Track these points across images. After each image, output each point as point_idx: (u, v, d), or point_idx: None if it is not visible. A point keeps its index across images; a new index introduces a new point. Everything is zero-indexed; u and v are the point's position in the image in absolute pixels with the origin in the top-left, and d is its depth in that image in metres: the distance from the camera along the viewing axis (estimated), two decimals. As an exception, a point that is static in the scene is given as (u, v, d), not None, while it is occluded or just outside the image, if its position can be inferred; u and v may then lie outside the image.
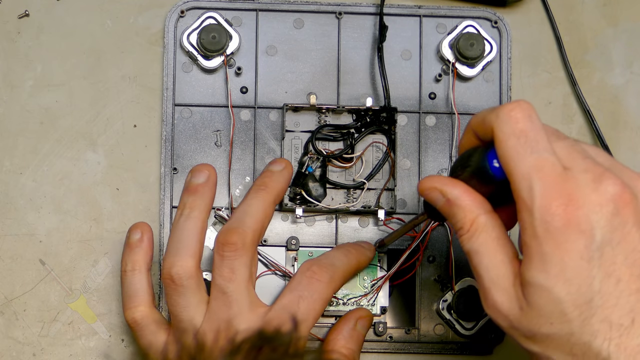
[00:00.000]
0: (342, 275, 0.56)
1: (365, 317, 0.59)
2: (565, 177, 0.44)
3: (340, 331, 0.58)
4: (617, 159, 0.62)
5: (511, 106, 0.45)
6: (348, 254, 0.57)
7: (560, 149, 0.45)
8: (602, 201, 0.43)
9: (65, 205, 0.62)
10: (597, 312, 0.43)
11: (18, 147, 0.62)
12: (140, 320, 0.56)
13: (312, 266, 0.55)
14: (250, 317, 0.54)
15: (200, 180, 0.57)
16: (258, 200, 0.56)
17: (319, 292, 0.54)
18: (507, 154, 0.45)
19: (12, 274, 0.62)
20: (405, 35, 0.64)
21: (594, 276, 0.43)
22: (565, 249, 0.43)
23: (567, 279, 0.43)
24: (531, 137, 0.45)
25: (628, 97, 0.65)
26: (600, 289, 0.43)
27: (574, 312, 0.43)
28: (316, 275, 0.55)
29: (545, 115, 0.64)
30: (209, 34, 0.61)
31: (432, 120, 0.63)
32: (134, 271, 0.57)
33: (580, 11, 0.65)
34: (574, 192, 0.43)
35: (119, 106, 0.63)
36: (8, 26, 0.63)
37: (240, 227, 0.55)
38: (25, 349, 0.61)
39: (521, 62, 0.65)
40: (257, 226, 0.55)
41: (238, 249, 0.54)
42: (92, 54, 0.63)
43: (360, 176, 0.62)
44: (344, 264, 0.56)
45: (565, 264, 0.43)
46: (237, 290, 0.54)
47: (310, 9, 0.63)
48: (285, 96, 0.63)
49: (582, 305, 0.43)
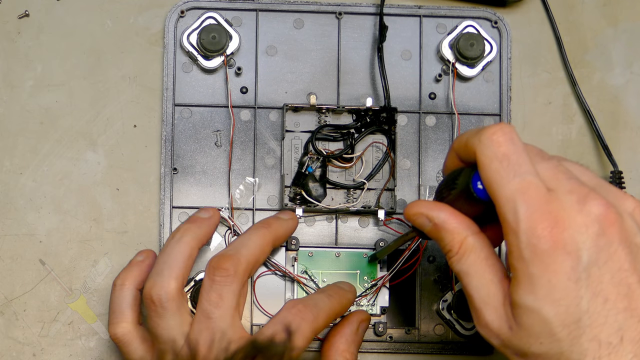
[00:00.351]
0: (325, 317, 0.56)
1: (367, 320, 0.59)
2: (550, 199, 0.44)
3: (344, 334, 0.58)
4: (617, 159, 0.63)
5: (493, 129, 0.45)
6: (330, 297, 0.57)
7: (544, 170, 0.45)
8: (587, 222, 0.43)
9: (65, 206, 0.62)
10: (585, 332, 0.43)
11: (18, 147, 0.62)
12: (122, 336, 0.56)
13: (297, 304, 0.55)
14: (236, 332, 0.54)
15: (203, 215, 0.58)
16: (258, 235, 0.56)
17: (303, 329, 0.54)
18: (490, 178, 0.45)
19: (12, 274, 0.62)
20: (405, 35, 0.64)
21: (581, 296, 0.43)
22: (552, 271, 0.43)
23: (555, 300, 0.43)
24: (514, 161, 0.45)
25: (628, 97, 0.65)
26: (588, 309, 0.43)
27: (562, 331, 0.43)
28: (301, 313, 0.54)
29: (545, 115, 0.64)
30: (209, 34, 0.61)
31: (432, 121, 0.63)
32: (122, 286, 0.57)
33: (580, 11, 0.65)
34: (559, 214, 0.43)
35: (119, 106, 0.63)
36: (8, 26, 0.63)
37: (235, 255, 0.54)
38: (25, 349, 0.61)
39: (521, 62, 0.65)
40: (252, 258, 0.55)
41: (229, 275, 0.54)
42: (92, 54, 0.63)
43: (360, 176, 0.62)
44: (326, 305, 0.56)
45: (552, 285, 0.43)
46: (222, 316, 0.53)
47: (310, 9, 0.63)
48: (285, 96, 0.63)
49: (570, 325, 0.43)
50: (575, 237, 0.43)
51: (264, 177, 0.62)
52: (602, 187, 0.46)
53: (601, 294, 0.43)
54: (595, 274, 0.43)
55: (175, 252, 0.55)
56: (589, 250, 0.43)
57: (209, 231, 0.58)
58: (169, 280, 0.54)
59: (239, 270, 0.54)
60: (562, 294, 0.43)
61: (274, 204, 0.62)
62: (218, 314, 0.53)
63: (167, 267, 0.55)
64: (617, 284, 0.43)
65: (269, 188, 0.62)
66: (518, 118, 0.64)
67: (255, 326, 0.61)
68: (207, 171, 0.62)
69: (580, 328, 0.43)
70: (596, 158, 0.64)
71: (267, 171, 0.62)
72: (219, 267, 0.54)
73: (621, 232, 0.44)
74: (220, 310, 0.53)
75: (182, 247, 0.56)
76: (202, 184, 0.62)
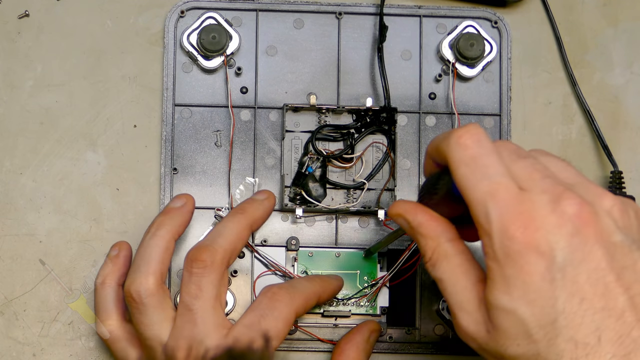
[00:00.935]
0: (304, 298, 0.56)
1: (377, 331, 0.60)
2: (522, 199, 0.43)
3: (355, 342, 0.59)
4: (617, 159, 0.63)
5: (460, 132, 0.45)
6: (311, 279, 0.58)
7: (519, 169, 0.45)
8: (561, 222, 0.43)
9: (65, 206, 0.62)
10: (562, 332, 0.43)
11: (18, 147, 0.62)
12: (108, 335, 0.57)
13: (272, 288, 0.56)
14: (215, 335, 0.54)
15: (176, 204, 0.58)
16: (233, 222, 0.57)
17: (279, 311, 0.54)
18: (460, 182, 0.45)
19: (12, 274, 0.62)
20: (405, 35, 0.64)
21: (557, 297, 0.43)
22: (526, 272, 0.43)
23: (530, 301, 0.43)
24: (481, 163, 0.44)
25: (628, 97, 0.65)
26: (564, 309, 0.43)
27: (539, 332, 0.43)
28: (276, 295, 0.55)
29: (545, 115, 0.64)
30: (209, 34, 0.61)
31: (432, 121, 0.63)
32: (103, 284, 0.58)
33: (580, 11, 0.65)
34: (531, 214, 0.43)
35: (119, 106, 0.63)
36: (8, 26, 0.63)
37: (211, 245, 0.55)
38: (25, 349, 0.61)
39: (521, 62, 0.65)
40: (229, 246, 0.55)
41: (207, 266, 0.54)
42: (92, 54, 0.63)
43: (360, 176, 0.62)
44: (305, 287, 0.57)
45: (527, 286, 0.43)
46: (203, 307, 0.54)
47: (310, 9, 0.63)
48: (285, 96, 0.63)
49: (546, 325, 0.43)
50: (548, 238, 0.43)
51: (264, 177, 0.62)
52: (580, 185, 0.45)
53: (577, 294, 0.43)
54: (570, 274, 0.43)
55: (151, 247, 0.56)
56: (563, 250, 0.43)
57: (184, 220, 0.58)
58: (146, 276, 0.55)
59: (216, 261, 0.54)
60: (537, 294, 0.43)
61: (274, 204, 0.62)
62: (198, 305, 0.54)
63: (144, 262, 0.55)
64: (593, 283, 0.43)
65: (269, 188, 0.62)
66: (518, 118, 0.64)
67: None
68: (207, 171, 0.62)
69: (556, 329, 0.43)
70: (596, 158, 0.64)
71: (267, 171, 0.62)
72: (195, 259, 0.54)
73: (596, 231, 0.43)
74: (200, 301, 0.54)
75: (157, 241, 0.56)
76: (202, 184, 0.62)
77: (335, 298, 0.61)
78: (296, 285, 0.57)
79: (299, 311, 0.56)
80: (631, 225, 0.45)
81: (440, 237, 0.47)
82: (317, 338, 0.61)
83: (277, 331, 0.54)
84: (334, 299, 0.61)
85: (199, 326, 0.54)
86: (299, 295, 0.56)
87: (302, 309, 0.56)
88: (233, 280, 0.61)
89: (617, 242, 0.43)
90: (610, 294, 0.42)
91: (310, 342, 0.61)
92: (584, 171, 0.64)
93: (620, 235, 0.43)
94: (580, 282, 0.42)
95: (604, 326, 0.42)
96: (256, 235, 0.62)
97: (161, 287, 0.55)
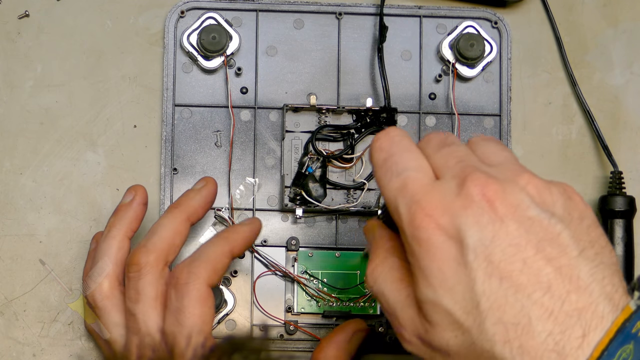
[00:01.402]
0: (210, 267, 0.53)
1: (363, 331, 0.59)
2: (430, 189, 0.43)
3: (335, 341, 0.58)
4: (617, 159, 0.63)
5: (377, 136, 0.46)
6: (215, 240, 0.55)
7: (438, 159, 0.45)
8: (466, 203, 0.42)
9: (65, 206, 0.62)
10: (488, 316, 0.41)
11: (18, 148, 0.62)
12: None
13: (174, 272, 0.53)
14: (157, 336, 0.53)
15: (125, 200, 0.57)
16: (168, 218, 0.55)
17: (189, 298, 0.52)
18: (378, 185, 0.45)
19: (12, 274, 0.62)
20: (405, 35, 0.64)
21: (474, 279, 0.41)
22: (439, 259, 0.42)
23: (450, 288, 0.42)
24: (391, 162, 0.44)
25: (628, 97, 0.65)
26: (484, 291, 0.41)
27: (467, 320, 0.41)
28: (179, 280, 0.53)
29: (545, 115, 0.64)
30: (209, 35, 0.61)
31: (432, 121, 0.63)
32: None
33: (580, 11, 0.65)
34: (438, 201, 0.42)
35: (119, 106, 0.63)
36: (8, 26, 0.63)
37: (144, 247, 0.54)
38: (25, 350, 0.61)
39: (521, 62, 0.65)
40: (164, 244, 0.54)
41: (141, 268, 0.53)
42: (92, 54, 0.63)
43: (360, 176, 0.62)
44: (208, 253, 0.54)
45: (443, 273, 0.42)
46: (143, 310, 0.53)
47: (310, 9, 0.63)
48: (285, 96, 0.63)
49: (472, 311, 0.41)
50: (455, 221, 0.41)
51: (264, 177, 0.62)
52: (502, 166, 0.44)
53: (495, 274, 0.40)
54: (483, 254, 0.41)
55: (103, 250, 0.56)
56: (472, 231, 0.41)
57: (135, 214, 0.57)
58: (100, 280, 0.55)
59: (149, 261, 0.53)
60: (454, 280, 0.41)
61: (274, 204, 0.62)
62: (139, 309, 0.53)
63: (97, 268, 0.55)
64: (510, 260, 0.40)
65: (269, 188, 0.62)
66: (518, 118, 0.64)
67: (255, 326, 0.61)
68: (207, 171, 0.62)
69: (482, 313, 0.41)
70: (596, 158, 0.64)
71: (267, 171, 0.62)
72: (130, 263, 0.54)
73: (506, 207, 0.41)
74: (140, 304, 0.53)
75: (109, 242, 0.56)
76: (202, 184, 0.62)
77: (335, 298, 0.61)
78: (198, 257, 0.54)
79: (211, 282, 0.53)
80: (553, 201, 0.42)
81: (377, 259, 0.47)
82: (317, 338, 0.61)
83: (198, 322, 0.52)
84: (332, 298, 0.61)
85: (142, 330, 0.53)
86: (204, 266, 0.53)
87: (214, 278, 0.53)
88: (233, 280, 0.61)
89: (533, 216, 0.41)
90: (531, 269, 0.40)
91: (310, 342, 0.61)
92: (583, 171, 0.64)
93: (536, 210, 0.42)
94: (495, 260, 0.41)
95: (530, 304, 0.40)
96: (256, 236, 0.62)
97: (117, 288, 0.55)
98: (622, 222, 0.62)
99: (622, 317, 0.40)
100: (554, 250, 0.41)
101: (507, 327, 0.40)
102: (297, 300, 0.61)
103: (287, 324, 0.61)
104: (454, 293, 0.42)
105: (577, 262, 0.41)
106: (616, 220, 0.62)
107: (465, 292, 0.41)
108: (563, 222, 0.42)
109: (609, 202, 0.62)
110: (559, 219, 0.42)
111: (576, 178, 0.64)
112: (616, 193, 0.62)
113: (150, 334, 0.53)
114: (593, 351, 0.39)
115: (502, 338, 0.40)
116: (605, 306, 0.40)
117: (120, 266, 0.56)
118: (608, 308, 0.40)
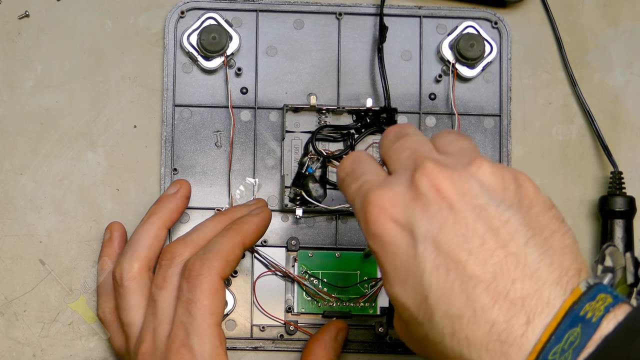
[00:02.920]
0: (223, 259, 0.53)
1: (345, 329, 0.60)
2: (383, 185, 0.43)
3: (323, 341, 0.58)
4: (617, 160, 0.63)
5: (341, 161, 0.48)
6: (226, 232, 0.55)
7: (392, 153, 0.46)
8: (415, 194, 0.42)
9: (66, 206, 0.62)
10: (436, 309, 0.40)
11: (18, 148, 0.62)
12: (102, 318, 0.59)
13: (187, 264, 0.54)
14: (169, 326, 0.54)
15: (170, 191, 0.59)
16: (145, 226, 0.57)
17: (200, 290, 0.52)
18: (345, 197, 0.47)
19: (12, 275, 0.62)
20: (406, 35, 0.64)
21: (422, 271, 0.40)
22: (392, 253, 0.42)
23: (403, 282, 0.41)
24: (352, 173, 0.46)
25: (628, 97, 0.65)
26: (431, 284, 0.40)
27: (420, 314, 0.41)
28: (192, 272, 0.53)
29: (545, 115, 0.64)
30: (209, 35, 0.61)
31: (432, 121, 0.63)
32: (102, 271, 0.59)
33: (580, 12, 0.65)
34: (389, 195, 0.42)
35: (119, 107, 0.63)
36: (8, 26, 0.63)
37: (183, 240, 0.55)
38: (25, 350, 0.61)
39: (521, 62, 0.65)
40: (202, 242, 0.55)
41: (174, 257, 0.54)
42: (92, 54, 0.63)
43: (360, 177, 0.62)
44: (220, 245, 0.54)
45: (396, 267, 0.42)
46: (165, 298, 0.54)
47: (310, 9, 0.63)
48: (285, 97, 0.63)
49: (422, 304, 0.41)
50: (403, 213, 0.41)
51: (264, 177, 0.62)
52: (455, 154, 0.44)
53: (442, 265, 0.40)
54: (432, 245, 0.40)
55: (140, 234, 0.57)
56: (421, 221, 0.41)
57: (177, 206, 0.58)
58: (131, 261, 0.55)
59: (184, 254, 0.54)
60: (405, 273, 0.41)
61: (274, 204, 0.62)
62: (162, 296, 0.54)
63: (131, 249, 0.56)
64: (456, 251, 0.40)
65: (269, 188, 0.62)
66: (518, 118, 0.64)
67: (255, 326, 0.61)
68: (207, 172, 0.62)
69: (430, 306, 0.40)
70: (596, 158, 0.64)
71: (267, 172, 0.62)
72: (165, 251, 0.55)
73: (453, 196, 0.41)
74: (164, 291, 0.54)
75: (147, 227, 0.57)
76: (202, 185, 0.62)
77: (335, 298, 0.61)
78: (211, 249, 0.54)
79: (224, 274, 0.53)
80: (505, 187, 0.42)
81: None
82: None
83: (210, 311, 0.52)
84: (332, 298, 0.61)
85: (158, 318, 0.53)
86: (217, 258, 0.53)
87: (226, 269, 0.54)
88: (233, 280, 0.61)
89: (482, 204, 0.41)
90: (477, 259, 0.40)
91: (310, 343, 0.61)
92: (583, 171, 0.64)
93: (485, 197, 0.41)
94: (443, 251, 0.40)
95: (475, 295, 0.39)
96: (256, 236, 0.62)
97: (146, 273, 0.55)
98: (622, 222, 0.62)
99: (570, 300, 0.39)
100: (501, 239, 0.40)
101: (453, 320, 0.40)
102: (297, 300, 0.61)
103: (287, 324, 0.61)
104: (405, 287, 0.41)
105: (524, 249, 0.40)
106: (616, 220, 0.62)
107: (415, 285, 0.41)
108: (512, 209, 0.41)
109: (609, 202, 0.62)
110: (508, 205, 0.41)
111: (576, 178, 0.64)
112: (616, 193, 0.62)
113: (163, 323, 0.53)
114: (541, 336, 0.38)
115: (450, 331, 0.40)
116: (552, 291, 0.39)
117: (154, 252, 0.56)
118: (555, 293, 0.39)
